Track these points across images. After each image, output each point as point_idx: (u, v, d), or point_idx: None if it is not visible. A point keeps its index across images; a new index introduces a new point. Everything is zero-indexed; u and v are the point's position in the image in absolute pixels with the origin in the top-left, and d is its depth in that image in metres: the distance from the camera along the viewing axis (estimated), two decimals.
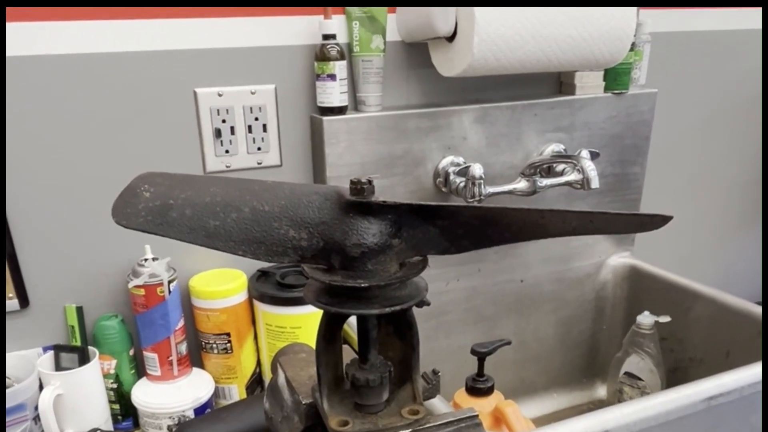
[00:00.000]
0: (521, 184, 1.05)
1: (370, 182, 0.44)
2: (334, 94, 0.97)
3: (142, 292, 0.88)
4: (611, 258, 1.31)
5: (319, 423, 0.54)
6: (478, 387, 0.91)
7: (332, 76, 0.96)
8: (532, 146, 1.15)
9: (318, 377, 0.50)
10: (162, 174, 0.52)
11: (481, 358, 0.92)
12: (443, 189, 1.08)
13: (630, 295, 1.30)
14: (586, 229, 0.45)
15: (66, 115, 0.87)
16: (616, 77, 1.18)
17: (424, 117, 1.05)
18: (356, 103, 1.03)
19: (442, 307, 1.16)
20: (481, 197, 0.99)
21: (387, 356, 0.53)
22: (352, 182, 0.44)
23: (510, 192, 1.05)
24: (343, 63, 0.97)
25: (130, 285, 0.88)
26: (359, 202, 0.44)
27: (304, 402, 0.52)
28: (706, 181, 1.45)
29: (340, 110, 0.99)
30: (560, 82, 1.20)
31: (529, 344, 1.27)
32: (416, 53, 1.05)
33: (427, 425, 0.49)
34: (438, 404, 0.77)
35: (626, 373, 1.20)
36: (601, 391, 1.35)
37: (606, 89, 1.19)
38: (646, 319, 1.16)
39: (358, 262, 0.44)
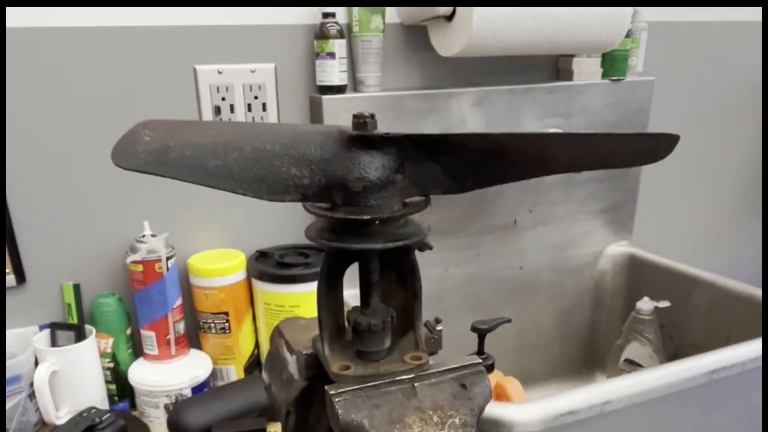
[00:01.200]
0: None
1: (372, 116, 0.44)
2: (333, 72, 0.97)
3: (140, 268, 0.87)
4: (609, 247, 1.31)
5: (320, 375, 0.53)
6: None
7: (332, 55, 0.96)
8: (531, 131, 1.15)
9: (319, 323, 0.50)
10: (162, 120, 0.51)
11: (482, 335, 0.91)
12: None
13: (629, 284, 1.30)
14: (592, 159, 0.45)
15: (63, 92, 0.87)
16: (613, 63, 1.18)
17: (423, 99, 1.05)
18: (356, 84, 1.03)
19: (441, 293, 1.15)
20: None
21: (388, 305, 0.53)
22: (354, 116, 0.44)
23: None
24: (343, 42, 0.97)
25: (128, 260, 0.87)
26: (361, 136, 0.44)
27: (304, 352, 0.51)
28: (704, 170, 1.46)
29: (339, 89, 0.99)
30: (558, 69, 1.21)
31: (528, 333, 1.27)
32: (415, 35, 1.06)
33: (430, 371, 0.49)
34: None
35: (626, 360, 1.19)
36: (601, 381, 1.34)
37: (603, 76, 1.19)
38: (645, 304, 1.15)
39: (360, 197, 0.44)
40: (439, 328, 0.57)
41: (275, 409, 0.59)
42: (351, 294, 0.47)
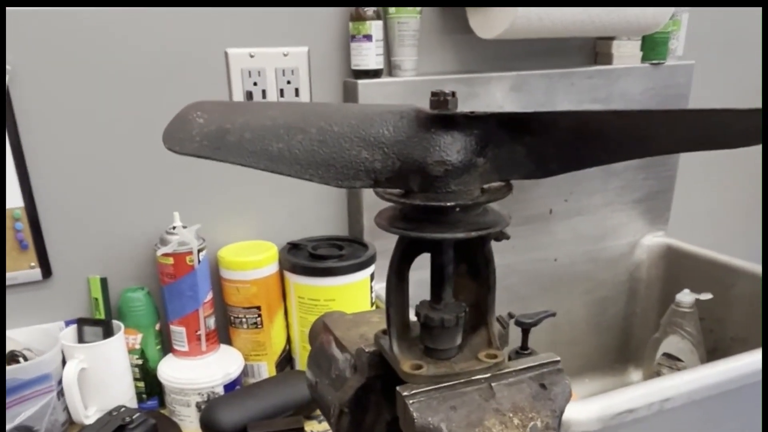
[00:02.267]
0: None
1: (453, 94, 0.40)
2: (369, 56, 0.93)
3: (170, 261, 0.83)
4: (645, 238, 1.27)
5: (380, 375, 0.50)
6: None
7: (368, 37, 0.92)
8: None
9: (387, 319, 0.46)
10: (215, 101, 0.47)
11: (526, 329, 0.87)
12: None
13: (665, 275, 1.26)
14: (695, 141, 0.40)
15: (92, 79, 0.82)
16: (654, 47, 1.14)
17: (461, 83, 1.00)
18: (390, 68, 0.99)
19: None
20: None
21: (458, 299, 0.49)
22: (433, 93, 0.40)
23: None
24: (380, 23, 0.92)
25: (158, 253, 0.83)
26: (443, 115, 0.40)
27: (367, 350, 0.47)
28: (743, 158, 1.41)
29: (375, 73, 0.94)
30: (596, 53, 1.16)
31: (562, 326, 1.23)
32: (452, 17, 1.01)
33: (507, 369, 0.45)
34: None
35: (665, 354, 1.15)
36: (635, 376, 1.30)
37: (643, 59, 1.15)
38: (686, 297, 1.11)
39: (440, 182, 0.40)
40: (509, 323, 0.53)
41: (322, 408, 0.56)
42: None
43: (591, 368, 1.29)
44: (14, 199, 0.81)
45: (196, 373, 0.84)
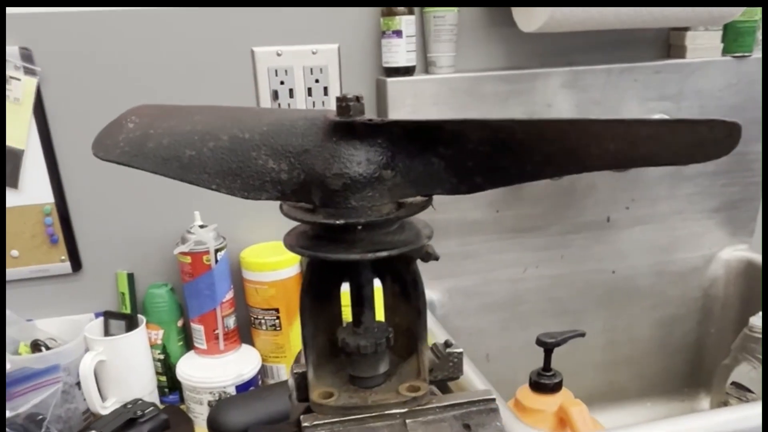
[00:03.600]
0: None
1: (358, 99, 0.35)
2: (399, 52, 0.88)
3: (188, 259, 0.84)
4: (724, 251, 1.13)
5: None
6: (543, 383, 0.79)
7: (398, 33, 0.87)
8: (631, 117, 1.00)
9: (303, 341, 0.43)
10: (155, 105, 0.45)
11: (548, 349, 0.80)
12: None
13: (744, 294, 1.12)
14: (630, 156, 0.33)
15: (120, 78, 0.84)
16: (737, 37, 1.00)
17: (503, 80, 0.93)
18: (427, 65, 0.94)
19: (517, 297, 1.04)
20: None
21: (393, 323, 0.44)
22: (337, 98, 0.36)
23: None
24: (411, 18, 0.87)
25: (176, 251, 0.84)
26: (342, 123, 0.36)
27: (295, 371, 0.44)
28: None
29: (406, 71, 0.90)
30: (669, 46, 1.04)
31: (620, 344, 1.13)
32: (494, 10, 0.94)
33: (428, 406, 0.40)
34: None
35: (734, 384, 1.03)
36: (705, 404, 1.18)
37: (725, 52, 1.02)
38: (760, 321, 0.98)
39: (338, 196, 0.36)
40: (452, 350, 0.48)
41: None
42: None
43: (654, 392, 1.18)
44: (45, 195, 0.84)
45: (211, 372, 0.85)
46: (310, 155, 0.37)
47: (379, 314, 0.45)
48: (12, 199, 0.84)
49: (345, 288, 0.44)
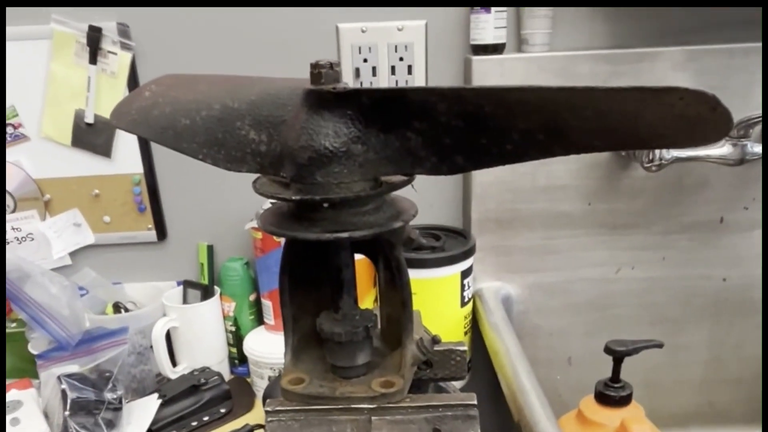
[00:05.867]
0: (723, 149, 0.81)
1: (332, 66, 0.32)
2: (487, 29, 0.83)
3: (259, 235, 0.85)
4: None
5: None
6: (608, 394, 0.71)
7: (486, 8, 0.82)
8: (756, 104, 0.88)
9: (283, 322, 0.41)
10: (177, 75, 0.45)
11: (618, 358, 0.72)
12: (621, 152, 0.88)
13: None
14: (618, 130, 0.31)
15: (207, 58, 0.86)
16: None
17: (603, 60, 0.85)
18: (520, 43, 0.87)
19: (608, 299, 0.96)
20: (661, 161, 0.78)
21: (385, 313, 0.42)
22: (311, 65, 0.33)
23: (704, 158, 0.82)
24: None
25: (247, 226, 0.85)
26: (311, 92, 0.33)
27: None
28: None
29: (494, 48, 0.84)
30: None
31: (726, 362, 1.01)
32: None
33: (400, 404, 0.38)
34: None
35: None
36: None
37: None
38: None
39: (305, 171, 0.33)
40: (453, 348, 0.44)
41: None
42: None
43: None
44: (135, 165, 0.88)
45: (274, 347, 0.85)
46: (287, 126, 0.35)
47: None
48: (106, 167, 0.89)
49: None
